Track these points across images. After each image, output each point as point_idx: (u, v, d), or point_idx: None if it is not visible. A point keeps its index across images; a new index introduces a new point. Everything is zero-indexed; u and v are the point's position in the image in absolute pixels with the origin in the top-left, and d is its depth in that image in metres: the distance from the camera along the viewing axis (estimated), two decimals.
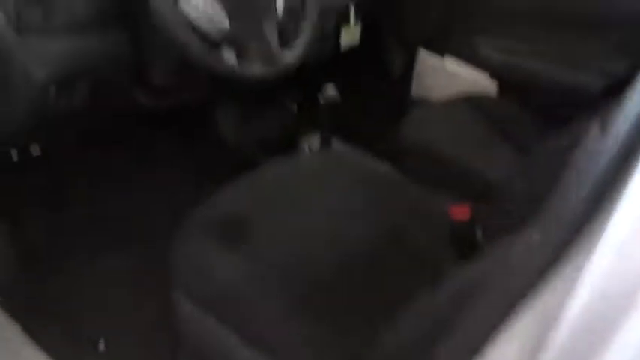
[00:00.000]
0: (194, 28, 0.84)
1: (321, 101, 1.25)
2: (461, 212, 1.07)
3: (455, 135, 1.39)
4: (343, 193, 1.05)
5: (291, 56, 0.98)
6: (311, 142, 1.41)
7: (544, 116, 1.56)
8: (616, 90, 1.47)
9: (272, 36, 0.95)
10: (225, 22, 0.88)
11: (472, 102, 1.54)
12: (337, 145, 1.40)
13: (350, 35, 1.59)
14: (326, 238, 0.95)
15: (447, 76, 1.80)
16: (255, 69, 0.91)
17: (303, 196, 1.03)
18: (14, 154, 1.05)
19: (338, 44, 1.55)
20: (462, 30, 1.74)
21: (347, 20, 1.53)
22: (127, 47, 0.98)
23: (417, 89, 1.91)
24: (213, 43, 0.91)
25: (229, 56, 0.90)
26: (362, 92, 2.10)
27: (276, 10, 0.97)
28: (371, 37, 1.79)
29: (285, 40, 0.99)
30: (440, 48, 1.79)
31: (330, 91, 1.26)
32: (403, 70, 1.91)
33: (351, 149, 1.40)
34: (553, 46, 1.60)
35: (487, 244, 1.00)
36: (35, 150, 1.09)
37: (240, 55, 0.93)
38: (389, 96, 1.99)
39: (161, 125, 1.31)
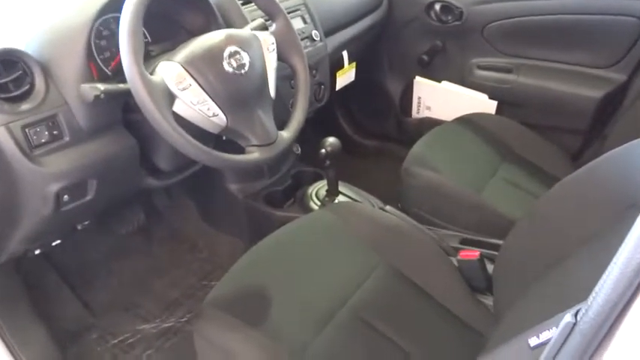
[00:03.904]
0: (191, 128, 0.87)
1: (322, 151, 1.27)
2: (470, 254, 1.10)
3: (460, 164, 1.41)
4: (356, 250, 1.07)
5: (288, 137, 0.99)
6: (317, 191, 1.44)
7: (545, 130, 1.58)
8: (616, 98, 1.51)
9: (269, 122, 0.95)
10: (221, 117, 0.90)
11: (472, 123, 1.56)
12: (344, 189, 1.42)
13: (345, 76, 1.62)
14: (343, 298, 0.98)
15: (446, 96, 1.82)
16: (255, 157, 0.93)
17: (317, 258, 1.06)
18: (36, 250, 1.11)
19: (333, 87, 1.57)
20: (455, 54, 1.75)
21: (341, 65, 1.56)
22: (132, 142, 1.02)
23: (418, 112, 1.94)
24: (212, 139, 0.94)
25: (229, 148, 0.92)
26: (366, 123, 2.13)
27: (269, 94, 0.98)
28: (367, 71, 1.82)
29: (280, 122, 1.00)
30: (436, 73, 1.81)
31: (331, 140, 1.28)
32: (402, 96, 1.94)
33: (358, 195, 1.42)
34: (550, 59, 1.60)
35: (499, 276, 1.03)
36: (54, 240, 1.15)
37: (239, 146, 0.95)
38: (390, 120, 2.02)
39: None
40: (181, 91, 0.86)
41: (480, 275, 1.08)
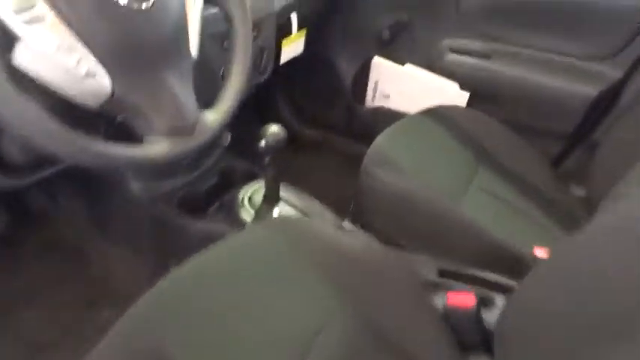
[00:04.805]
0: (52, 101, 0.49)
1: (262, 144, 0.92)
2: (461, 301, 0.80)
3: (433, 167, 1.13)
4: (307, 288, 0.75)
5: (214, 120, 0.64)
6: (251, 195, 1.08)
7: (521, 129, 1.33)
8: (609, 97, 1.28)
9: (185, 95, 0.60)
10: (102, 79, 0.53)
11: (444, 117, 1.27)
12: (286, 195, 1.08)
13: (292, 46, 1.27)
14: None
15: (409, 83, 1.52)
16: (160, 150, 0.56)
17: (249, 301, 0.73)
18: None
19: (277, 59, 1.22)
20: (424, 32, 1.46)
21: (288, 31, 1.20)
22: None
23: (373, 99, 1.63)
24: (83, 117, 0.56)
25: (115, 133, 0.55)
26: (310, 109, 1.79)
27: (188, 51, 0.62)
28: (316, 44, 1.48)
29: (204, 97, 0.63)
30: (399, 54, 1.50)
31: (275, 128, 0.93)
32: (355, 79, 1.62)
33: (304, 202, 1.09)
34: (535, 47, 1.35)
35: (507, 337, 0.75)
36: None
37: (134, 130, 0.58)
38: (338, 108, 1.70)
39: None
40: (28, 24, 0.48)
41: (475, 328, 0.80)
